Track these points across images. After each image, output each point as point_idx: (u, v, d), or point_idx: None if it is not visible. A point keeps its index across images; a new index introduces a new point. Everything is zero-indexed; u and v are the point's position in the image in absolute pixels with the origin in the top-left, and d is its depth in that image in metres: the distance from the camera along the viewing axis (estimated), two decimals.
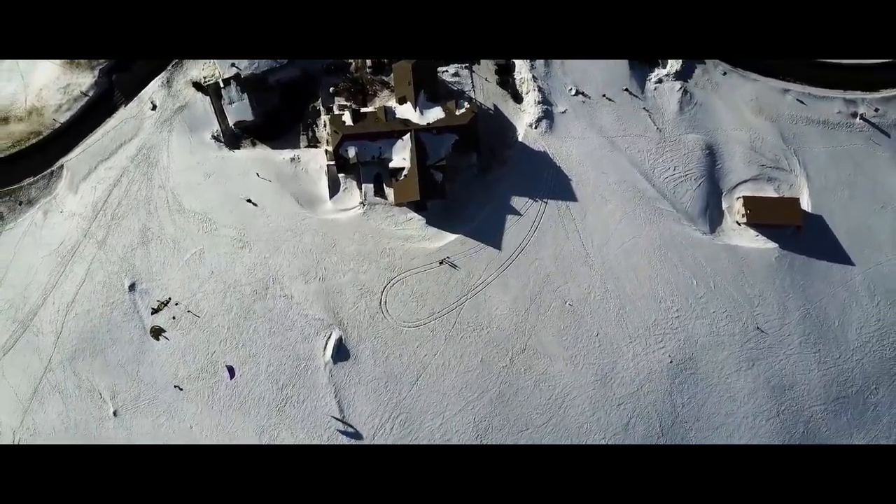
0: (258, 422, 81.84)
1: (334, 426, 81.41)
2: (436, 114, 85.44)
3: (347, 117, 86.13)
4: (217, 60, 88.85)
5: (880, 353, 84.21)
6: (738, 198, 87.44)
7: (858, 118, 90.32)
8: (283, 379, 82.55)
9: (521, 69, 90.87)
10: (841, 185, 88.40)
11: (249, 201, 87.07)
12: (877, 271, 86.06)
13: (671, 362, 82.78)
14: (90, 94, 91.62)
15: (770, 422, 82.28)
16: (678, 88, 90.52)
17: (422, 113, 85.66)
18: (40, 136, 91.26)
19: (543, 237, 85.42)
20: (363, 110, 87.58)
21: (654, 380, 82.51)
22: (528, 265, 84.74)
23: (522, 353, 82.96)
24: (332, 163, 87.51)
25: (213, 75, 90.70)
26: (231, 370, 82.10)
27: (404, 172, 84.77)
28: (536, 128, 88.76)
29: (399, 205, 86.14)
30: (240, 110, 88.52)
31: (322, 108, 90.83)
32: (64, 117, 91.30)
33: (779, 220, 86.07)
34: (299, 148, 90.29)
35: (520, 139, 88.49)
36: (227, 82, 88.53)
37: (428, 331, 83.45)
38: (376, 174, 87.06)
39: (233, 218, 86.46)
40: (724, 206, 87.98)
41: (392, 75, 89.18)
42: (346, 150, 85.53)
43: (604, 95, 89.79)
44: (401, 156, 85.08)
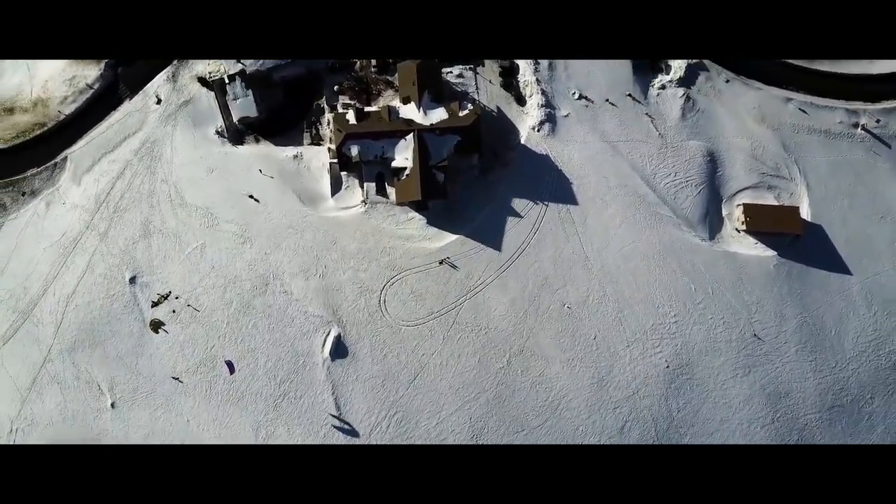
0: (255, 417, 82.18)
1: (331, 423, 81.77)
2: (439, 114, 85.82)
3: (351, 116, 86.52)
4: None
5: (876, 362, 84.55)
6: (738, 205, 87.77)
7: (860, 128, 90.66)
8: (281, 375, 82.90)
9: (525, 72, 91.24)
10: (841, 195, 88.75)
11: (251, 197, 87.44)
12: (874, 281, 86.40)
13: (668, 367, 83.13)
14: (95, 86, 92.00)
15: (765, 429, 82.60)
16: (681, 95, 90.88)
17: (425, 113, 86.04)
18: (45, 128, 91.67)
19: (543, 240, 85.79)
20: (367, 109, 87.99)
21: (650, 384, 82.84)
22: (527, 267, 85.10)
23: (520, 354, 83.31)
24: (335, 161, 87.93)
25: (218, 71, 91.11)
26: (231, 365, 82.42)
27: (406, 172, 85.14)
28: (539, 131, 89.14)
29: (400, 204, 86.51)
30: (244, 106, 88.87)
31: (326, 107, 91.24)
32: (69, 109, 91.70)
33: (778, 228, 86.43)
34: (302, 145, 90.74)
35: (522, 142, 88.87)
36: (231, 78, 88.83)
37: (426, 330, 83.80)
38: (378, 173, 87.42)
39: (234, 213, 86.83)
40: (724, 212, 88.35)
41: (396, 75, 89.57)
42: (349, 149, 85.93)
43: (607, 100, 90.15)
44: (403, 155, 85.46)
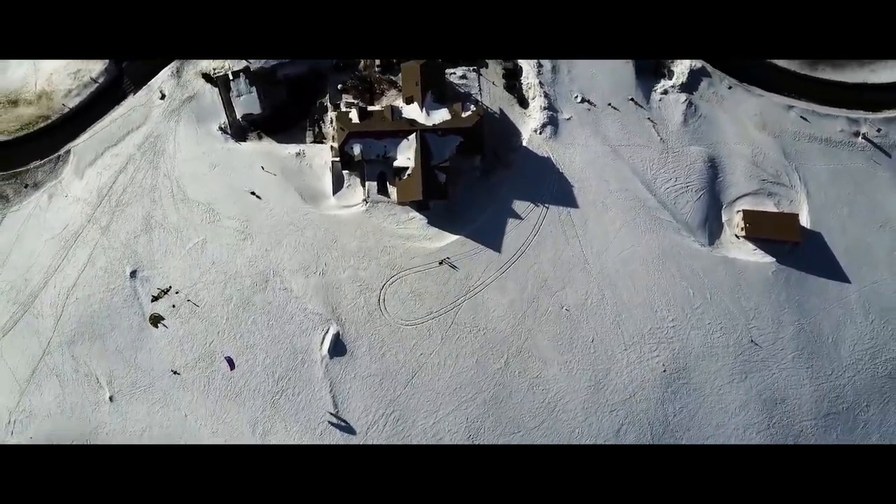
0: (253, 413, 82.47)
1: (328, 420, 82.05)
2: (442, 115, 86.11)
3: (354, 115, 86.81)
4: None
5: (872, 371, 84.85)
6: (738, 211, 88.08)
7: (861, 137, 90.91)
8: (280, 371, 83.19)
9: (529, 74, 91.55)
10: (840, 204, 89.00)
11: (253, 194, 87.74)
12: (872, 290, 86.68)
13: (665, 371, 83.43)
14: (100, 80, 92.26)
15: (760, 434, 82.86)
16: (683, 100, 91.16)
17: (428, 114, 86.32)
18: (48, 121, 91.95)
19: (543, 242, 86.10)
20: (370, 108, 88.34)
21: (647, 388, 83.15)
22: (526, 269, 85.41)
23: (518, 355, 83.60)
24: (337, 159, 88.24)
25: (222, 67, 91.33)
26: (231, 362, 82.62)
27: (408, 172, 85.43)
28: (541, 133, 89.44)
29: (401, 204, 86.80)
30: (248, 103, 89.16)
31: (329, 105, 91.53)
32: (73, 103, 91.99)
33: (777, 235, 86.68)
34: (305, 143, 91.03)
35: (524, 144, 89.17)
36: (236, 75, 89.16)
37: (425, 330, 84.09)
38: (380, 172, 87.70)
39: (236, 210, 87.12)
40: (724, 218, 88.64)
41: (400, 75, 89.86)
42: (352, 148, 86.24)
43: (609, 104, 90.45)
44: (405, 155, 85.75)
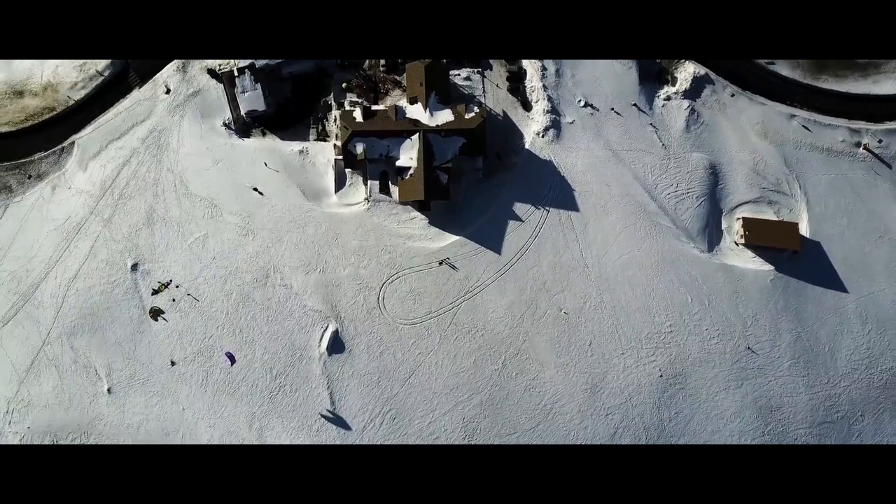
0: (250, 408, 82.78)
1: (324, 417, 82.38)
2: (445, 116, 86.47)
3: (358, 114, 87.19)
4: None
5: (868, 380, 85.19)
6: (738, 218, 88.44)
7: (861, 148, 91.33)
8: (278, 367, 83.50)
9: (533, 78, 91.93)
10: (840, 213, 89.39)
11: (256, 190, 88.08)
12: (870, 300, 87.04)
13: (661, 376, 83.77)
14: (106, 73, 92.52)
15: (755, 442, 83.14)
16: (686, 107, 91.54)
17: (431, 114, 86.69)
18: (53, 112, 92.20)
19: (543, 245, 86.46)
20: (374, 108, 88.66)
21: (643, 392, 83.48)
22: (526, 271, 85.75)
23: (515, 357, 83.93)
24: (340, 157, 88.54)
25: (227, 63, 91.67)
26: (232, 357, 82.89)
27: (410, 172, 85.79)
28: (543, 136, 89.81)
29: (403, 203, 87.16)
30: (252, 100, 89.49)
31: (333, 103, 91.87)
32: (78, 95, 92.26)
33: (776, 243, 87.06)
34: (308, 141, 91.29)
35: (526, 147, 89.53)
36: (241, 71, 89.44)
37: (423, 329, 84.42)
38: (382, 171, 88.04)
39: (238, 205, 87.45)
40: (724, 225, 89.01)
41: (405, 75, 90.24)
42: (355, 146, 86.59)
43: (612, 109, 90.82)
44: (408, 155, 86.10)
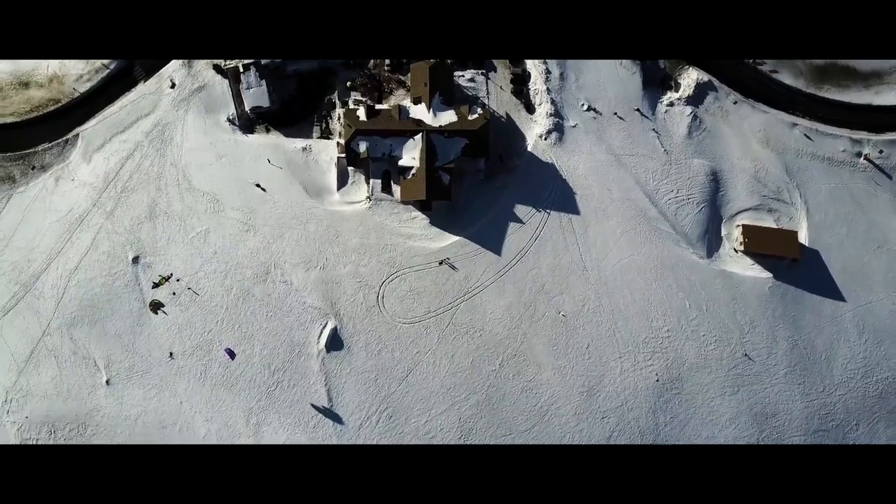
0: (248, 403, 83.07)
1: (321, 414, 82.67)
2: (448, 117, 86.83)
3: (362, 112, 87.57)
4: None
5: (863, 390, 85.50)
6: (738, 226, 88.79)
7: (862, 158, 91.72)
8: (276, 363, 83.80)
9: (537, 81, 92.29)
10: (840, 223, 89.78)
11: (258, 186, 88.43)
12: (867, 310, 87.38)
13: (658, 381, 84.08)
14: (111, 66, 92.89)
15: None
16: (688, 113, 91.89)
17: (435, 115, 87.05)
18: (59, 104, 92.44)
19: (543, 247, 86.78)
20: (378, 107, 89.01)
21: (639, 396, 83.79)
22: (525, 273, 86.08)
23: (513, 358, 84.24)
24: (343, 155, 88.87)
25: (233, 59, 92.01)
26: (231, 353, 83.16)
27: (412, 171, 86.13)
28: (546, 139, 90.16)
29: (405, 202, 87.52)
30: (257, 96, 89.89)
31: (337, 102, 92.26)
32: (84, 87, 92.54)
33: (776, 250, 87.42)
34: (312, 138, 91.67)
35: (529, 149, 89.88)
36: (246, 67, 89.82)
37: (422, 329, 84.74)
38: (385, 171, 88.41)
39: (240, 201, 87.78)
40: (724, 232, 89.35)
41: (409, 75, 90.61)
42: (358, 145, 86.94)
43: (615, 113, 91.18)
44: (410, 155, 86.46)
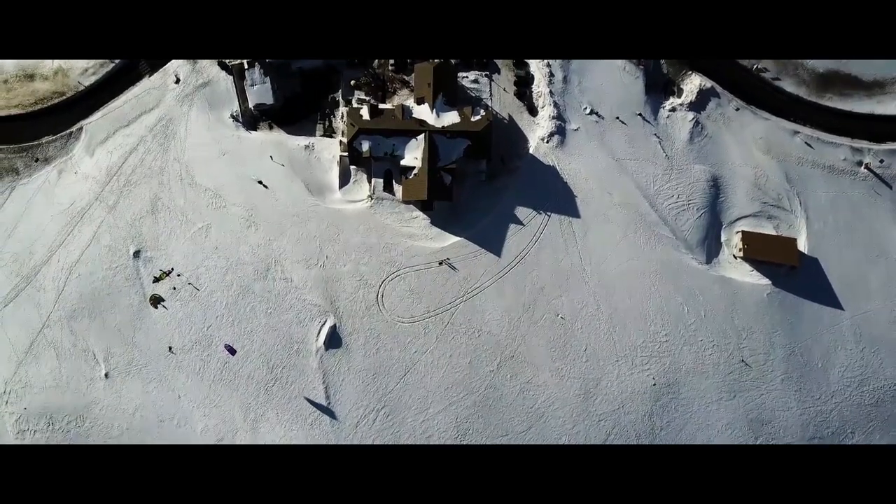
0: (245, 399, 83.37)
1: (319, 411, 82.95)
2: (451, 118, 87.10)
3: (365, 111, 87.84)
4: None
5: (859, 398, 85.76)
6: (738, 232, 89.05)
7: (863, 167, 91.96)
8: (275, 360, 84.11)
9: (540, 83, 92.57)
10: (839, 231, 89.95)
11: (260, 183, 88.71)
12: (865, 318, 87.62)
13: (654, 385, 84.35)
14: (116, 61, 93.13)
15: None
16: (690, 119, 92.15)
17: (438, 115, 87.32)
18: (63, 97, 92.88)
19: (543, 249, 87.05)
20: (381, 106, 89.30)
21: (635, 400, 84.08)
22: (525, 275, 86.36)
23: (510, 359, 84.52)
24: (346, 154, 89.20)
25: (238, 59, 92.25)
26: (231, 349, 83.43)
27: (414, 171, 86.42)
28: (548, 142, 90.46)
29: (406, 202, 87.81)
30: (261, 93, 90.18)
31: (341, 100, 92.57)
32: (88, 81, 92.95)
33: (775, 257, 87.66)
34: (315, 136, 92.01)
35: (531, 151, 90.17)
36: (251, 64, 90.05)
37: (421, 328, 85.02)
38: (387, 170, 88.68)
39: (242, 197, 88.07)
40: (723, 238, 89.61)
41: (413, 75, 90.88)
42: (361, 144, 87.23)
43: (617, 118, 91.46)
44: (413, 154, 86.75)
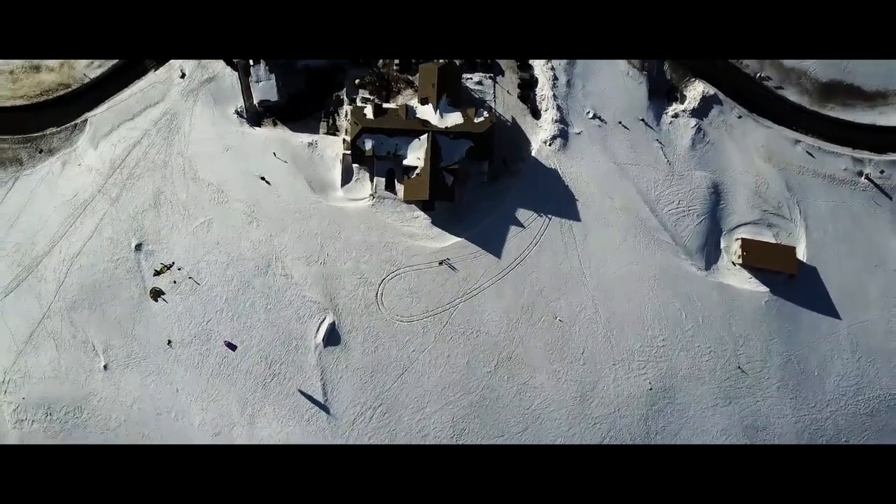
0: (243, 394, 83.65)
1: (316, 407, 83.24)
2: (455, 119, 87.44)
3: (369, 111, 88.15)
4: None
5: (854, 407, 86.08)
6: (737, 239, 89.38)
7: (863, 177, 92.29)
8: (273, 355, 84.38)
9: (544, 86, 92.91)
10: (838, 241, 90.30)
11: (263, 179, 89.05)
12: (862, 328, 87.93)
13: (651, 389, 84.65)
14: None
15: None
16: (693, 125, 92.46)
17: (441, 116, 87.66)
18: (69, 89, 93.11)
19: (543, 252, 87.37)
20: (385, 106, 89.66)
21: (631, 404, 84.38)
22: (524, 277, 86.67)
23: (508, 361, 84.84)
24: (349, 152, 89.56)
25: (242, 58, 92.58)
26: (232, 346, 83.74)
27: (417, 171, 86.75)
28: (550, 145, 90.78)
29: (407, 202, 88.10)
30: (266, 90, 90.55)
31: (345, 99, 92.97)
32: (94, 73, 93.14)
33: (773, 265, 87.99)
34: (318, 134, 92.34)
35: (533, 154, 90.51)
36: (256, 61, 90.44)
37: (419, 328, 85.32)
38: (389, 169, 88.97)
39: (245, 193, 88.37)
40: (722, 245, 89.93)
41: (418, 75, 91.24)
42: (364, 142, 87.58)
43: (620, 122, 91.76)
44: (415, 154, 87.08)
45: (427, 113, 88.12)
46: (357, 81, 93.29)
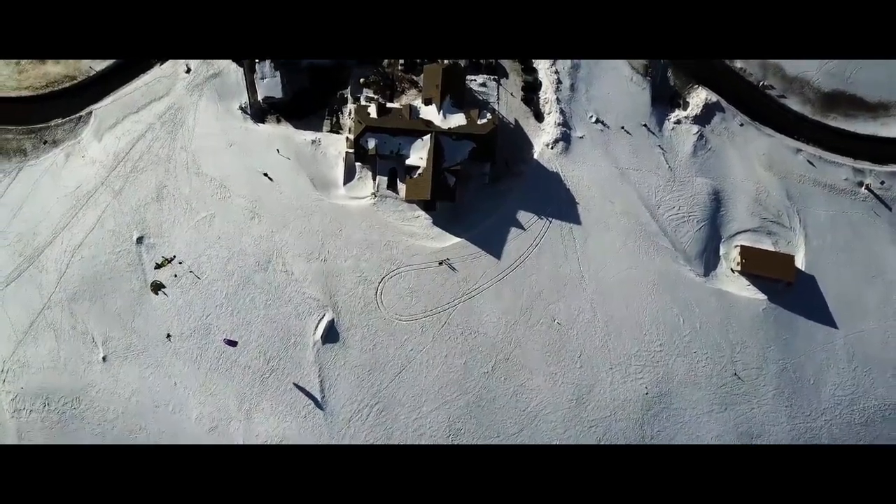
0: (241, 389, 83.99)
1: (312, 403, 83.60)
2: (458, 120, 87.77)
3: (373, 110, 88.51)
4: None
5: (849, 417, 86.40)
6: (736, 246, 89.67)
7: (864, 188, 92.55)
8: (272, 351, 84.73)
9: (547, 90, 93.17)
10: (837, 250, 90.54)
11: (266, 175, 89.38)
12: (859, 338, 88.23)
13: (647, 394, 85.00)
14: None
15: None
16: (695, 132, 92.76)
17: (445, 116, 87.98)
18: (74, 81, 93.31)
19: (543, 254, 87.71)
20: (389, 105, 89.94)
21: (627, 408, 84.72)
22: (523, 279, 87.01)
23: (505, 362, 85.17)
24: (351, 151, 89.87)
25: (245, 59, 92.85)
26: (232, 342, 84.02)
27: (419, 171, 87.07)
28: (553, 148, 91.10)
29: (409, 201, 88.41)
30: (270, 86, 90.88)
31: (349, 97, 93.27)
32: (100, 66, 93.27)
33: (772, 273, 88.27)
34: (321, 132, 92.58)
35: (535, 157, 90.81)
36: (262, 58, 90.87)
37: (418, 327, 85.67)
38: (391, 168, 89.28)
39: (247, 189, 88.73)
40: (722, 251, 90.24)
41: (422, 76, 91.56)
42: (367, 141, 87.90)
43: (622, 127, 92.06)
44: (418, 154, 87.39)
45: (430, 113, 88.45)
46: (361, 80, 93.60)
